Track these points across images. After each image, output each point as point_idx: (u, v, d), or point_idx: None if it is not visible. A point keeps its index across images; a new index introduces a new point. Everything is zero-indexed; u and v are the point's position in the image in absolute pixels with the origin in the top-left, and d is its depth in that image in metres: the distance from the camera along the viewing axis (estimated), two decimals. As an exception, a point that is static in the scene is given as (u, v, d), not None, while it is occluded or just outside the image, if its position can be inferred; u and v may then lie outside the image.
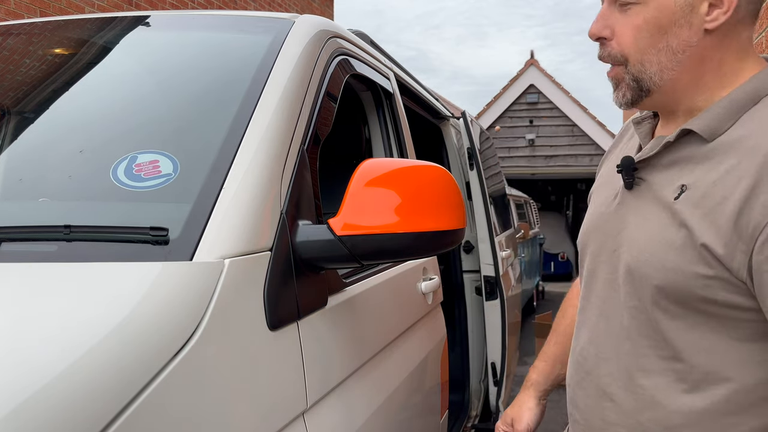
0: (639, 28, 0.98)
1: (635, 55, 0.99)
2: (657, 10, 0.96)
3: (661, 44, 0.97)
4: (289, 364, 1.08)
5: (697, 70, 0.97)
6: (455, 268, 3.33)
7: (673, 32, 0.96)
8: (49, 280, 0.92)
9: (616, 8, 1.00)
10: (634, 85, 1.01)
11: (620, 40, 1.00)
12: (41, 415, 0.67)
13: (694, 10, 0.94)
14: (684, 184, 0.96)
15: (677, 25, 0.95)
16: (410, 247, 1.16)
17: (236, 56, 1.50)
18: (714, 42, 0.96)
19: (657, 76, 0.98)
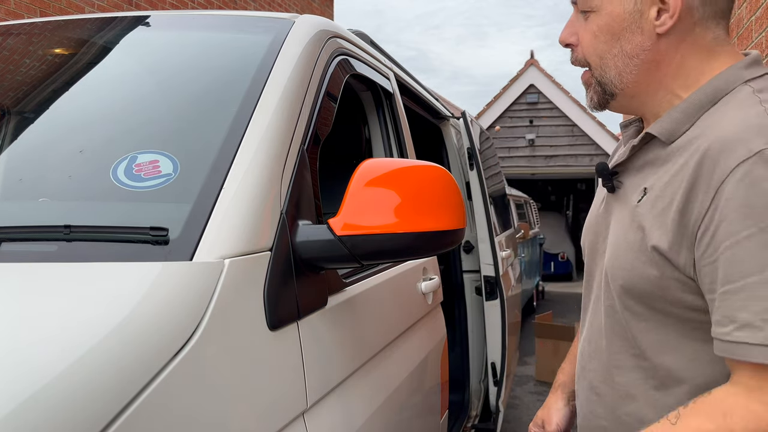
0: (595, 34, 1.02)
1: (595, 60, 1.04)
2: (608, 17, 1.00)
3: (615, 49, 1.01)
4: (289, 364, 1.08)
5: (656, 73, 1.00)
6: (455, 268, 3.33)
7: (625, 38, 1.00)
8: (49, 280, 0.92)
9: (581, 16, 1.05)
10: (599, 89, 1.05)
11: (583, 46, 1.05)
12: (41, 415, 0.67)
13: (643, 15, 0.98)
14: (645, 187, 0.99)
15: (629, 30, 0.99)
16: (410, 247, 1.16)
17: (236, 56, 1.50)
18: (669, 45, 0.98)
19: (617, 79, 1.02)
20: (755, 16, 2.52)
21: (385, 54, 2.47)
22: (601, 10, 1.01)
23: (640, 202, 0.99)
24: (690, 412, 0.89)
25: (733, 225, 0.84)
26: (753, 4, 2.56)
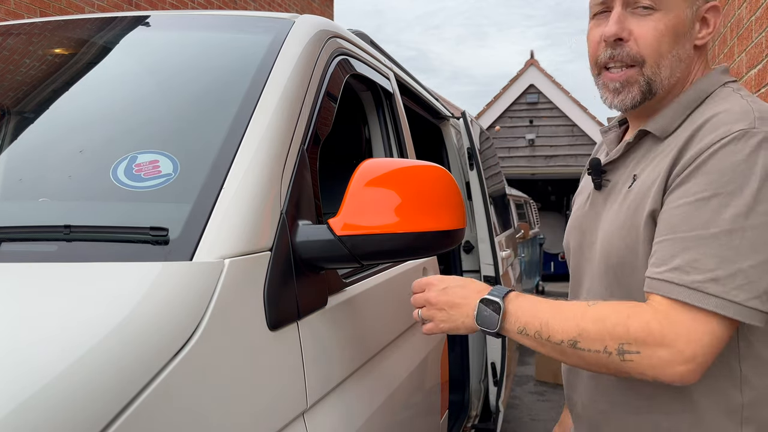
0: (662, 32, 1.06)
1: (653, 57, 1.07)
2: (676, 19, 1.06)
3: (674, 50, 1.07)
4: (289, 364, 1.08)
5: (682, 80, 1.11)
6: (455, 268, 3.33)
7: (682, 42, 1.08)
8: (49, 280, 0.92)
9: (630, 12, 1.08)
10: (646, 87, 1.09)
11: (641, 41, 1.07)
12: (41, 415, 0.67)
13: (693, 26, 1.08)
14: (635, 174, 1.09)
15: (685, 37, 1.07)
16: (410, 247, 1.16)
17: (236, 56, 1.50)
18: (697, 56, 1.11)
19: (666, 79, 1.08)
20: (755, 16, 2.52)
21: (385, 54, 2.47)
22: (669, 11, 1.06)
23: (631, 187, 1.09)
24: (605, 304, 1.02)
25: (696, 186, 0.96)
26: (753, 4, 2.56)
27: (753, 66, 2.52)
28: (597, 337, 0.99)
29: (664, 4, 1.06)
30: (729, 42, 2.98)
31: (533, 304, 1.07)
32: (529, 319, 1.06)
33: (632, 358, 0.97)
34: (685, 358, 0.94)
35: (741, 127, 0.96)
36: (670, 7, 1.06)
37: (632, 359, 0.97)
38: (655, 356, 0.95)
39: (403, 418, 1.62)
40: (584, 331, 1.00)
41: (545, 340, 1.04)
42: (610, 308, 1.01)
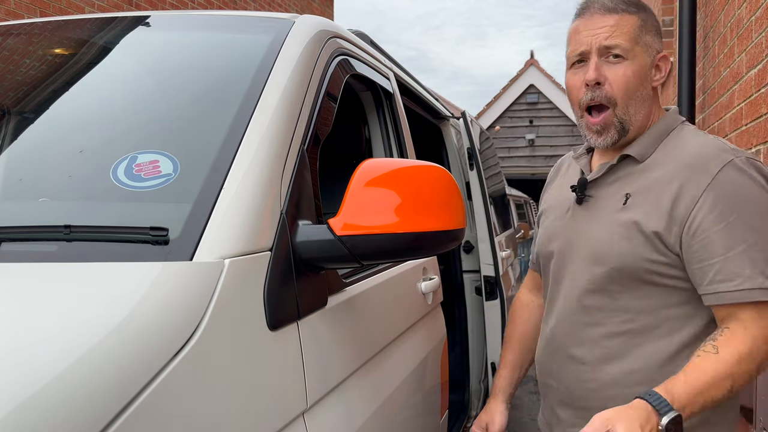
0: (629, 77, 1.30)
1: (623, 98, 1.31)
2: (639, 65, 1.31)
3: (639, 92, 1.31)
4: (289, 364, 1.08)
5: (647, 115, 1.35)
6: (455, 268, 3.33)
7: (644, 85, 1.32)
8: (49, 280, 0.92)
9: (603, 61, 1.31)
10: (620, 126, 1.33)
11: (614, 85, 1.30)
12: (41, 415, 0.67)
13: (651, 71, 1.33)
14: (628, 193, 1.32)
15: (647, 80, 1.32)
16: (410, 247, 1.16)
17: (236, 56, 1.50)
18: (654, 95, 1.35)
19: (634, 117, 1.32)
20: (755, 16, 2.52)
21: (385, 54, 2.47)
22: (634, 60, 1.30)
23: (626, 204, 1.31)
24: (724, 343, 1.18)
25: (727, 208, 1.21)
26: (753, 4, 2.56)
27: (753, 66, 2.52)
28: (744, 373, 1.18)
29: (630, 54, 1.30)
30: (729, 42, 2.98)
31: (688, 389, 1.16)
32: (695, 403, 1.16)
33: (765, 366, 1.20)
34: None
35: (730, 157, 1.23)
36: (634, 57, 1.30)
37: (765, 367, 1.20)
38: None
39: (403, 418, 1.62)
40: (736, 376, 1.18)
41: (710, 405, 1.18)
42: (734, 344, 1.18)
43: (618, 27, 1.29)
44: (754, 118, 2.48)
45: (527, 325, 1.65)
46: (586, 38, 1.31)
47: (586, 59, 1.32)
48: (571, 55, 1.35)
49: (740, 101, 2.71)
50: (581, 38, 1.32)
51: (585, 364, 1.36)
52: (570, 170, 1.52)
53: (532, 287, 1.70)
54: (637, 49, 1.30)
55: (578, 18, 1.35)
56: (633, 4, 1.32)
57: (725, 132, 3.02)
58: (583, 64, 1.33)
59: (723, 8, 3.15)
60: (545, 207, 1.55)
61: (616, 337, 1.32)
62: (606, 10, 1.30)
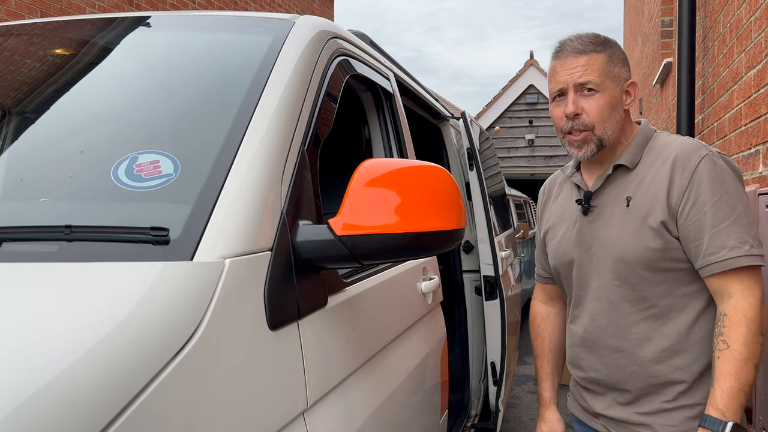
0: (603, 107, 1.54)
1: (600, 124, 1.54)
2: (610, 96, 1.55)
3: (612, 117, 1.55)
4: (289, 364, 1.09)
5: (621, 132, 1.59)
6: (455, 268, 3.33)
7: (616, 110, 1.56)
8: (49, 280, 0.92)
9: (579, 95, 1.54)
10: (598, 143, 1.56)
11: (591, 114, 1.54)
12: (42, 415, 0.67)
13: (621, 99, 1.57)
14: (628, 196, 1.54)
15: (618, 106, 1.56)
16: (410, 247, 1.16)
17: (237, 57, 1.50)
18: (626, 116, 1.60)
19: (611, 136, 1.56)
20: (755, 16, 2.52)
21: (385, 54, 2.47)
22: (605, 92, 1.54)
23: (630, 205, 1.53)
24: (728, 332, 1.40)
25: (709, 194, 1.44)
26: (752, 4, 2.56)
27: (752, 66, 2.52)
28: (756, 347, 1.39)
29: (601, 87, 1.53)
30: (728, 42, 2.98)
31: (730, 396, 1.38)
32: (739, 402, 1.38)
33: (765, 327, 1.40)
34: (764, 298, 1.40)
35: (705, 152, 1.47)
36: (605, 89, 1.54)
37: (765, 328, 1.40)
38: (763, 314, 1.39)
39: (403, 417, 1.62)
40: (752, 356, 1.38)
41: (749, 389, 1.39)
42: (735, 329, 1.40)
43: (588, 66, 1.53)
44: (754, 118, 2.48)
45: (554, 335, 1.88)
46: (563, 77, 1.56)
47: (564, 94, 1.57)
48: (552, 91, 1.60)
49: (740, 101, 2.71)
50: (559, 77, 1.57)
51: (622, 351, 1.57)
52: (564, 188, 1.75)
53: (545, 299, 1.92)
54: (607, 81, 1.54)
55: (554, 59, 1.59)
56: (600, 44, 1.56)
57: (725, 132, 3.02)
58: (562, 98, 1.57)
59: (722, 8, 3.15)
60: (550, 224, 1.75)
61: (643, 322, 1.54)
62: (577, 52, 1.55)
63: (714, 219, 1.43)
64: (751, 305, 1.40)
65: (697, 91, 3.77)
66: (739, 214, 1.43)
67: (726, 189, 1.44)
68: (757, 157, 2.45)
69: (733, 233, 1.42)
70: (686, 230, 1.46)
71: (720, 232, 1.42)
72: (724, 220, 1.42)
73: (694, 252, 1.46)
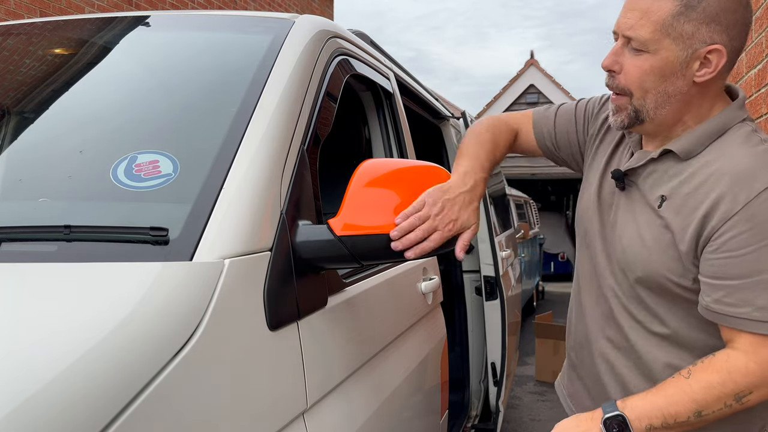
0: (646, 72, 1.18)
1: (639, 92, 1.21)
2: (662, 61, 1.17)
3: (660, 88, 1.19)
4: (289, 364, 1.09)
5: (682, 111, 1.22)
6: (455, 268, 3.33)
7: (670, 81, 1.18)
8: (49, 280, 0.92)
9: (628, 49, 1.20)
10: (633, 114, 1.23)
11: (628, 77, 1.21)
12: (42, 415, 0.67)
13: (689, 66, 1.17)
14: (663, 195, 1.22)
15: (675, 76, 1.18)
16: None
17: (236, 56, 1.50)
18: (699, 91, 1.20)
19: (653, 111, 1.21)
20: (755, 16, 2.52)
21: (385, 54, 2.47)
22: (657, 54, 1.17)
23: (661, 207, 1.22)
24: (699, 369, 1.17)
25: (752, 237, 1.11)
26: (753, 4, 2.56)
27: (753, 66, 2.52)
28: (716, 401, 1.15)
29: (651, 47, 1.17)
30: (729, 42, 2.98)
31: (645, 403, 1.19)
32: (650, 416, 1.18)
33: (749, 398, 1.15)
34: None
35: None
36: (657, 50, 1.17)
37: (749, 399, 1.15)
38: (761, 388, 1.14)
39: (403, 418, 1.62)
40: (703, 402, 1.15)
41: (674, 424, 1.17)
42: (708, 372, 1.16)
43: (645, 16, 1.16)
44: (754, 118, 2.48)
45: None
46: (620, 18, 1.21)
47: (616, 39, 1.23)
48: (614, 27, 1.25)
49: (740, 101, 2.70)
50: (619, 15, 1.21)
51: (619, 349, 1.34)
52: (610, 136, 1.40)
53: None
54: (666, 42, 1.15)
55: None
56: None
57: (725, 132, 3.01)
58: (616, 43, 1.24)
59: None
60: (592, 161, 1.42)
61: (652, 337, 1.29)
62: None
63: (754, 265, 1.11)
64: (748, 370, 1.13)
65: (698, 91, 3.77)
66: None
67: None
68: None
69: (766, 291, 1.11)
70: (709, 261, 1.15)
71: (754, 286, 1.12)
72: (762, 273, 1.11)
73: (707, 288, 1.17)
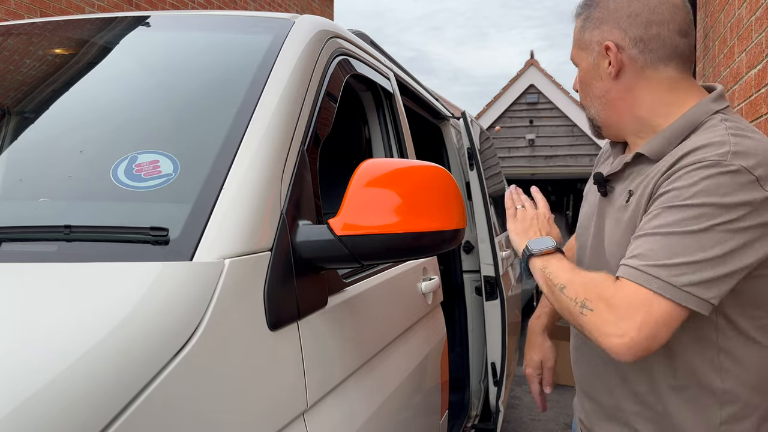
0: (580, 84, 1.36)
1: (584, 102, 1.36)
2: (584, 71, 1.33)
3: (592, 94, 1.33)
4: (289, 364, 1.09)
5: (620, 107, 1.29)
6: (455, 268, 3.33)
7: (594, 85, 1.31)
8: (49, 280, 0.92)
9: None
10: (591, 124, 1.38)
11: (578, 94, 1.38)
12: (42, 415, 0.67)
13: (599, 66, 1.29)
14: (630, 190, 1.25)
15: (595, 79, 1.31)
16: (410, 247, 1.16)
17: (236, 56, 1.50)
18: (624, 86, 1.27)
19: (599, 116, 1.34)
20: (755, 16, 2.52)
21: (385, 54, 2.47)
22: (580, 66, 1.34)
23: (628, 202, 1.24)
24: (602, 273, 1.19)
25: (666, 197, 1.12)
26: (753, 4, 2.56)
27: (753, 66, 2.52)
28: (577, 288, 1.18)
29: (577, 63, 1.35)
30: (729, 42, 2.98)
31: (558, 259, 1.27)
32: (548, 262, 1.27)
33: (586, 313, 1.15)
34: (619, 333, 1.10)
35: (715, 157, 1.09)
36: (579, 63, 1.34)
37: (586, 314, 1.15)
38: (600, 318, 1.12)
39: (403, 418, 1.62)
40: (572, 281, 1.20)
41: (550, 281, 1.24)
42: (601, 275, 1.19)
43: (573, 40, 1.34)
44: (754, 118, 2.48)
45: None
46: None
47: None
48: None
49: (740, 101, 2.71)
50: None
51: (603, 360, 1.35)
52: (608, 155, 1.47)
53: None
54: (582, 54, 1.32)
55: None
56: (582, 5, 1.32)
57: (725, 132, 3.01)
58: None
59: (723, 8, 3.15)
60: (588, 187, 1.49)
61: None
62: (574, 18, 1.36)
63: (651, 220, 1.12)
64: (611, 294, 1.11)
65: (698, 91, 3.77)
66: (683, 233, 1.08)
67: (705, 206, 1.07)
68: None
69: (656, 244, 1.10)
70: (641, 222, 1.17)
71: (643, 236, 1.12)
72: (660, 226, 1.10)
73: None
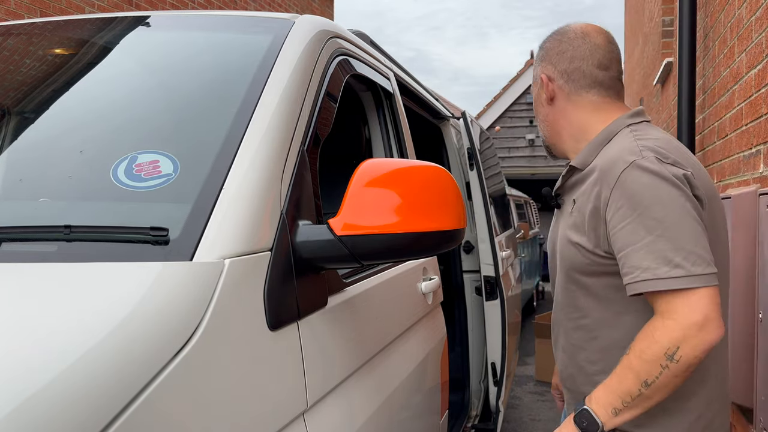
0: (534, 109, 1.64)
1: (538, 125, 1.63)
2: (534, 99, 1.64)
3: (539, 117, 1.62)
4: (289, 364, 1.09)
5: (557, 128, 1.58)
6: (455, 268, 3.33)
7: (538, 110, 1.62)
8: (49, 280, 0.92)
9: None
10: (543, 144, 1.66)
11: None
12: (42, 415, 0.67)
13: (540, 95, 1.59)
14: (574, 199, 1.46)
15: (538, 105, 1.62)
16: (410, 247, 1.16)
17: (236, 56, 1.50)
18: (556, 110, 1.56)
19: (545, 137, 1.64)
20: (755, 16, 2.52)
21: (385, 54, 2.47)
22: (532, 93, 1.64)
23: (572, 210, 1.45)
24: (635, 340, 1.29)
25: (627, 210, 1.29)
26: (753, 4, 2.56)
27: (753, 66, 2.52)
28: (651, 366, 1.24)
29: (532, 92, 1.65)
30: (729, 42, 2.98)
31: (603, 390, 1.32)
32: (610, 400, 1.30)
33: (680, 355, 1.22)
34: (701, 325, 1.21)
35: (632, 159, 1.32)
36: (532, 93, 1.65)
37: (681, 355, 1.22)
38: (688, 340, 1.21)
39: (403, 418, 1.62)
40: (642, 370, 1.25)
41: (632, 401, 1.27)
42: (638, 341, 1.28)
43: None
44: (754, 118, 2.48)
45: None
46: None
47: None
48: None
49: (740, 101, 2.71)
50: None
51: (565, 351, 1.54)
52: None
53: None
54: (533, 86, 1.64)
55: None
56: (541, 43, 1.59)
57: (725, 132, 3.02)
58: None
59: (723, 8, 3.15)
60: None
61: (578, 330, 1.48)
62: None
63: (631, 235, 1.28)
64: (666, 327, 1.23)
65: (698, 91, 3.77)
66: (666, 228, 1.25)
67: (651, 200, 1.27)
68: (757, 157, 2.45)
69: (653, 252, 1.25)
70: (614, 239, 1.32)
71: (636, 252, 1.27)
72: (642, 238, 1.26)
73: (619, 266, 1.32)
